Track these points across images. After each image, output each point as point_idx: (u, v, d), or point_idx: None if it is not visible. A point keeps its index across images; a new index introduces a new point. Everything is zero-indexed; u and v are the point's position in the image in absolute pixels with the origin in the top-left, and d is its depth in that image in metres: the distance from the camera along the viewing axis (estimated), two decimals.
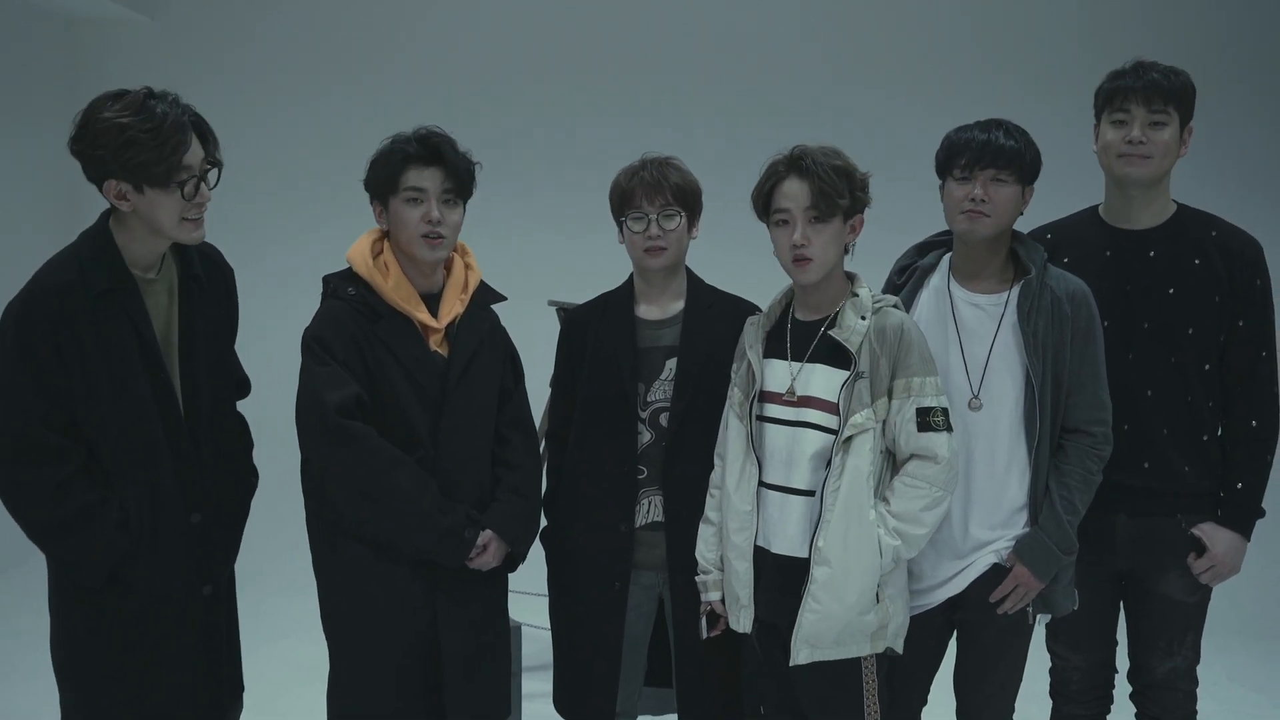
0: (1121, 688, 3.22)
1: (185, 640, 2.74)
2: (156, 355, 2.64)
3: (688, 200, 3.02)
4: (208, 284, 2.80)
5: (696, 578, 2.94)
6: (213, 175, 2.63)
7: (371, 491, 2.76)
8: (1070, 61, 5.96)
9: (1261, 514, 3.06)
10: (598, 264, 3.63)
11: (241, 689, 2.99)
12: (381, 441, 2.76)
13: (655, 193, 2.98)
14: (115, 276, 2.60)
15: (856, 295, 2.81)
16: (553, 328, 3.44)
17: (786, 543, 2.76)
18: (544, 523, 3.16)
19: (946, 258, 3.02)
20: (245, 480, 2.95)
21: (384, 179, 2.87)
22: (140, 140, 2.48)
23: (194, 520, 2.71)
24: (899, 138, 5.34)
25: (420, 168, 2.86)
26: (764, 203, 2.81)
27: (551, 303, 4.14)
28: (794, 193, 2.74)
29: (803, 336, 2.83)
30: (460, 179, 2.91)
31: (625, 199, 3.01)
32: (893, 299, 2.86)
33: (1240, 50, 6.24)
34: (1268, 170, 6.26)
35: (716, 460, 2.94)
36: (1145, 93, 2.96)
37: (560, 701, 3.18)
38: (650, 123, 6.36)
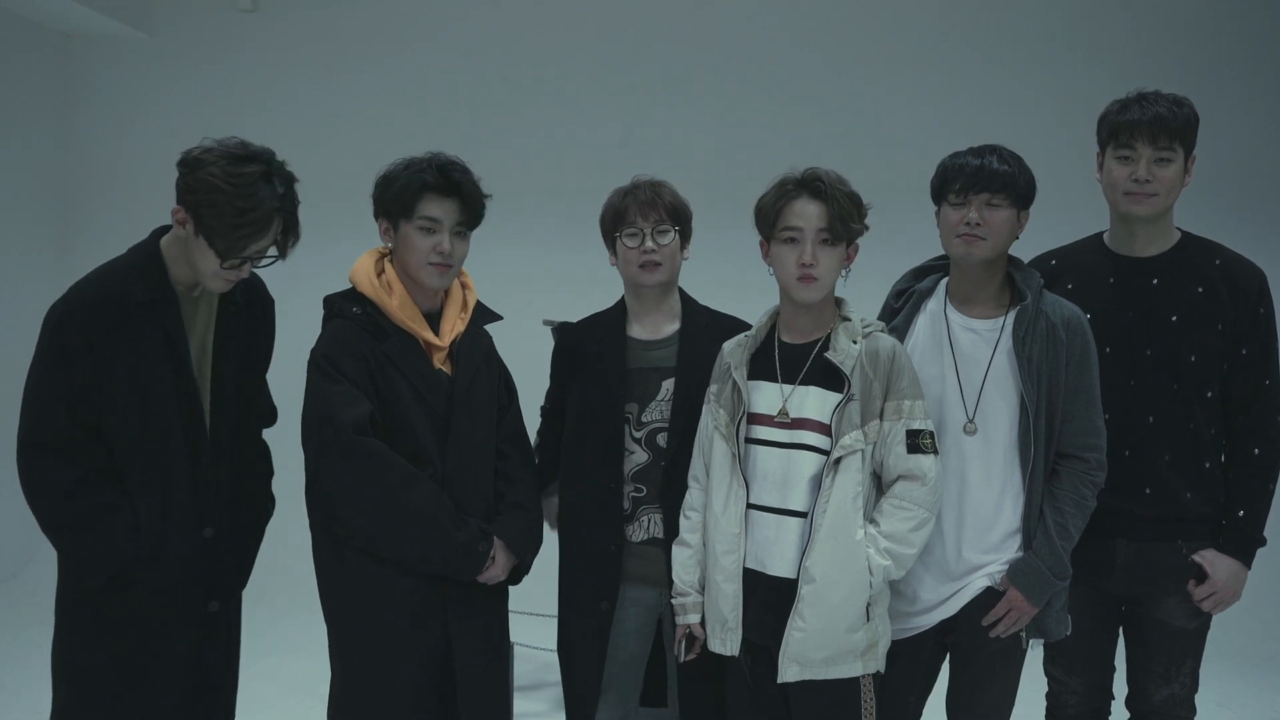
0: (1119, 714, 3.21)
1: (180, 652, 2.80)
2: (187, 369, 2.75)
3: (680, 218, 3.07)
4: (246, 310, 2.91)
5: (673, 600, 2.93)
6: (264, 261, 2.73)
7: (388, 508, 2.75)
8: (1077, 84, 5.98)
9: (1263, 542, 3.05)
10: (590, 282, 3.62)
11: (232, 715, 3.05)
12: (396, 458, 2.77)
13: (649, 209, 3.03)
14: (157, 288, 2.72)
15: (848, 319, 2.83)
16: (545, 346, 3.43)
17: (784, 565, 2.75)
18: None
19: (943, 282, 3.04)
20: (262, 505, 3.03)
21: (399, 203, 2.86)
22: (223, 208, 2.60)
23: (206, 534, 2.80)
24: (899, 157, 5.35)
25: (437, 198, 2.87)
26: (771, 219, 2.82)
27: (546, 322, 4.14)
28: (807, 213, 2.77)
29: (792, 359, 2.84)
30: (474, 212, 2.93)
31: (619, 217, 3.06)
32: (880, 324, 2.89)
33: (1242, 68, 6.24)
34: (1269, 193, 6.26)
35: (691, 483, 2.95)
36: (1151, 130, 2.95)
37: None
38: (644, 140, 6.40)
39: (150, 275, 2.73)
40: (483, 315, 3.06)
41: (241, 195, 2.61)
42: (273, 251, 2.73)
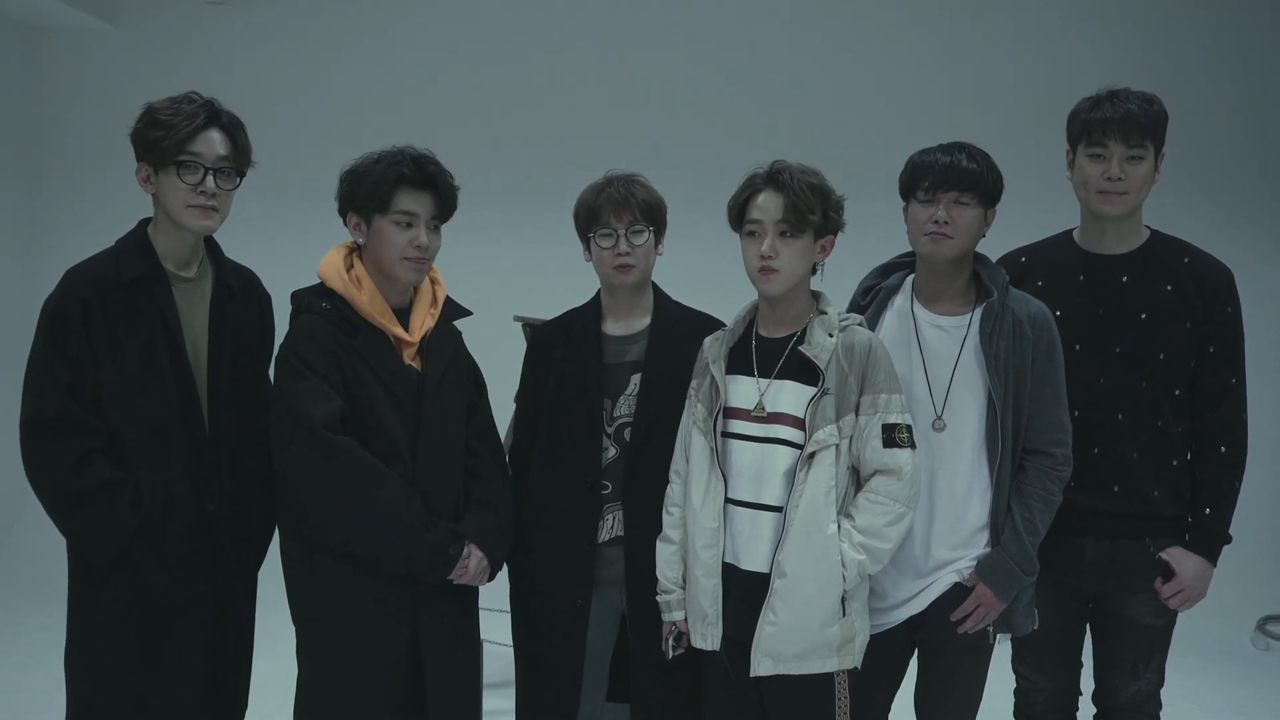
0: (1086, 709, 3.22)
1: (194, 632, 2.83)
2: (180, 346, 2.79)
3: (654, 216, 3.04)
4: (241, 300, 2.94)
5: (658, 597, 2.93)
6: (230, 178, 2.83)
7: (358, 507, 2.73)
8: (1050, 79, 5.99)
9: (1229, 540, 3.07)
10: (562, 278, 3.61)
11: (244, 708, 3.06)
12: (366, 456, 2.75)
13: (623, 209, 2.99)
14: (146, 266, 2.78)
15: (824, 313, 2.83)
16: (516, 342, 3.41)
17: (758, 559, 2.76)
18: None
19: (910, 279, 3.04)
20: (267, 496, 2.95)
21: (374, 197, 2.85)
22: (158, 120, 2.76)
23: (208, 510, 2.82)
24: (872, 151, 5.35)
25: (414, 191, 2.86)
26: (738, 213, 2.83)
27: (518, 318, 4.13)
28: (767, 205, 2.77)
29: (769, 353, 2.84)
30: (447, 205, 2.93)
31: (592, 216, 3.02)
32: (858, 317, 2.89)
33: (1212, 66, 6.27)
34: (1239, 189, 6.28)
35: (673, 477, 2.94)
36: (1123, 127, 2.96)
37: (523, 717, 3.15)
38: (617, 132, 6.36)
39: (140, 254, 2.79)
40: (452, 311, 3.05)
41: (168, 105, 2.80)
42: (230, 166, 2.82)
